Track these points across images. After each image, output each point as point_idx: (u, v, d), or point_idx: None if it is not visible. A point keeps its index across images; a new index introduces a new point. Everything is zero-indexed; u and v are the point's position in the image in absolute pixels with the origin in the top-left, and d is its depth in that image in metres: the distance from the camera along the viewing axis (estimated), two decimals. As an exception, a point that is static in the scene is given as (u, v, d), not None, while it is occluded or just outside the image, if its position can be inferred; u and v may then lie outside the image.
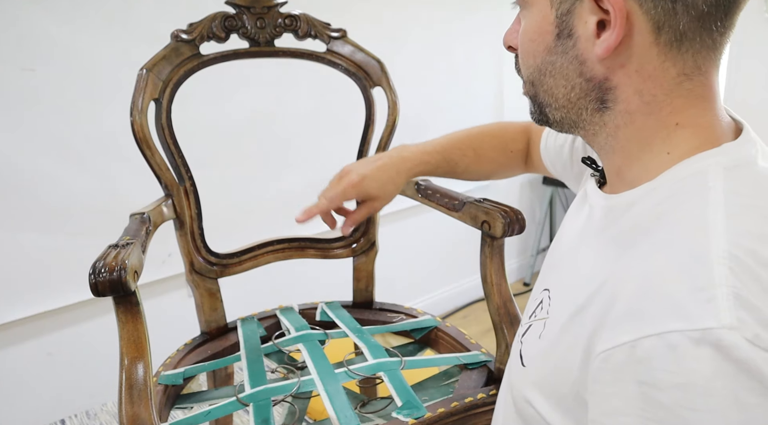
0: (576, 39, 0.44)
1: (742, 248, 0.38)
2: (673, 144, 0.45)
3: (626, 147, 0.47)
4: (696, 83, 0.44)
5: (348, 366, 0.81)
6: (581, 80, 0.45)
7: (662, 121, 0.45)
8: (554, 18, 0.45)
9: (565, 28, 0.44)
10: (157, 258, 1.59)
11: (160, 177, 0.87)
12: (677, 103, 0.44)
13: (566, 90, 0.47)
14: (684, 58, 0.43)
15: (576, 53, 0.45)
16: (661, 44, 0.42)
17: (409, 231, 2.31)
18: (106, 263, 0.59)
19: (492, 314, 0.82)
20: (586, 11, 0.43)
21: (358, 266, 1.04)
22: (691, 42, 0.42)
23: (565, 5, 0.44)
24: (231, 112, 1.65)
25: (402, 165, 0.82)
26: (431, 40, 2.15)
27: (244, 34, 0.90)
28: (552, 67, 0.47)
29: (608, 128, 0.47)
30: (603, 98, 0.45)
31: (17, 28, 1.31)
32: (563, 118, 0.49)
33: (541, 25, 0.46)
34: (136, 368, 0.61)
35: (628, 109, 0.45)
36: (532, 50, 0.48)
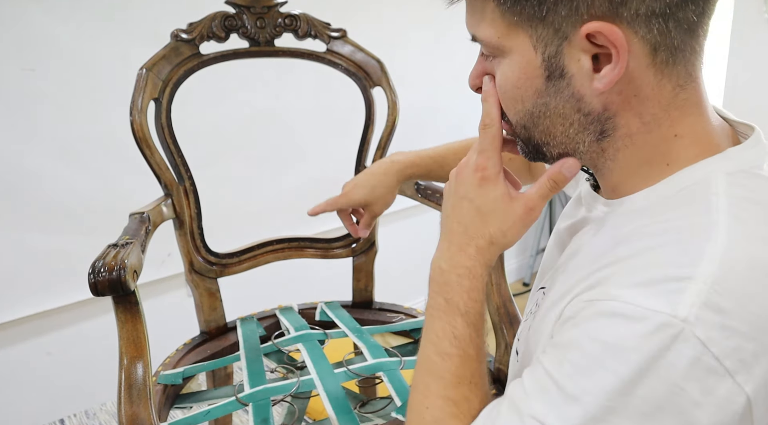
0: (570, 78, 0.43)
1: (740, 250, 0.38)
2: (673, 155, 0.45)
3: (626, 166, 0.46)
4: (690, 91, 0.44)
5: (347, 366, 0.81)
6: (579, 116, 0.44)
7: (662, 136, 0.44)
8: (541, 61, 0.43)
9: (556, 69, 0.43)
10: (157, 258, 1.59)
11: (159, 176, 0.87)
12: (674, 115, 0.44)
13: (564, 127, 0.46)
14: (678, 71, 0.43)
15: (571, 91, 0.43)
16: (657, 64, 0.42)
17: (409, 231, 2.31)
18: (105, 263, 0.59)
19: (491, 314, 0.82)
20: (577, 50, 0.42)
21: (358, 266, 1.04)
22: (683, 53, 0.42)
23: (552, 47, 0.43)
24: (231, 111, 1.65)
25: (391, 168, 0.85)
26: (431, 40, 2.15)
27: (244, 33, 0.90)
28: (545, 108, 0.45)
29: (607, 153, 0.46)
30: (603, 129, 0.45)
31: (17, 28, 1.31)
32: (560, 153, 0.48)
33: (526, 70, 0.44)
34: (136, 367, 0.61)
35: (628, 133, 0.45)
36: (519, 96, 0.46)
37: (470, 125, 2.59)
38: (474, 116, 1.57)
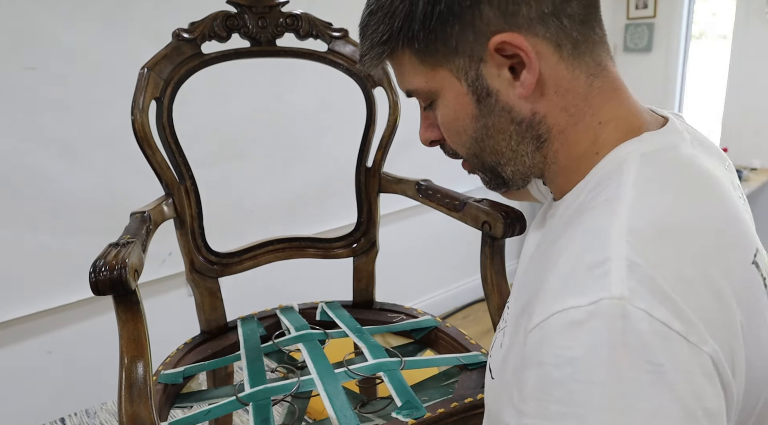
0: (496, 94, 0.46)
1: (643, 221, 0.39)
2: (600, 142, 0.47)
3: (566, 165, 0.49)
4: (603, 79, 0.47)
5: (348, 366, 0.81)
6: (514, 126, 0.48)
7: (587, 125, 0.47)
8: (467, 88, 0.47)
9: (482, 90, 0.47)
10: (158, 257, 1.59)
11: (160, 176, 0.87)
12: (595, 103, 0.47)
13: (506, 141, 0.49)
14: (586, 61, 0.46)
15: (501, 105, 0.47)
16: (565, 58, 0.45)
17: (409, 231, 2.31)
18: (106, 262, 0.59)
19: (492, 314, 0.82)
20: (493, 67, 0.45)
21: (359, 266, 1.04)
22: (584, 44, 0.46)
23: (472, 72, 0.46)
24: (232, 111, 1.65)
25: None
26: (432, 40, 2.15)
27: (246, 33, 0.90)
28: (485, 129, 0.49)
29: (548, 159, 0.49)
30: (538, 134, 0.48)
31: (18, 27, 1.31)
32: (514, 172, 0.51)
33: (458, 101, 0.48)
34: (136, 367, 0.61)
35: (560, 130, 0.47)
36: (461, 127, 0.50)
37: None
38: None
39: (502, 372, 0.50)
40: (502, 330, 0.53)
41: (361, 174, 1.01)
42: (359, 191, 1.02)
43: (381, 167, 1.01)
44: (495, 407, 0.51)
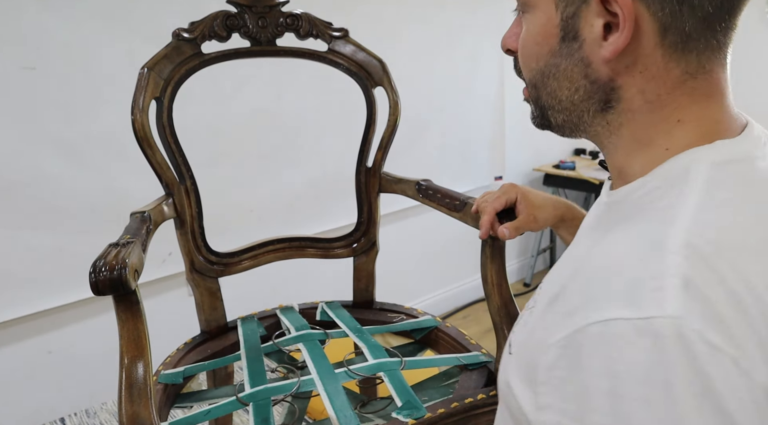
0: (581, 41, 0.44)
1: (703, 238, 0.37)
2: (673, 140, 0.45)
3: (628, 144, 0.47)
4: (700, 82, 0.44)
5: (348, 366, 0.81)
6: (586, 82, 0.46)
7: (664, 118, 0.45)
8: (559, 21, 0.45)
9: (571, 30, 0.45)
10: (158, 257, 1.59)
11: (160, 176, 0.87)
12: (681, 100, 0.44)
13: (570, 92, 0.47)
14: (688, 59, 0.43)
15: (581, 56, 0.45)
16: (666, 46, 0.42)
17: (409, 231, 2.31)
18: (106, 262, 0.59)
19: (492, 314, 0.82)
20: (593, 14, 0.43)
21: (359, 266, 1.04)
22: (695, 43, 0.42)
23: (571, 8, 0.44)
24: (232, 111, 1.65)
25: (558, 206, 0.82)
26: (433, 40, 2.15)
27: (246, 33, 0.90)
28: (556, 69, 0.47)
29: (611, 127, 0.47)
30: (607, 99, 0.46)
31: (18, 27, 1.31)
32: (565, 120, 0.49)
33: (546, 28, 0.46)
34: (136, 367, 0.61)
35: (630, 108, 0.45)
36: (536, 53, 0.48)
37: (469, 124, 2.61)
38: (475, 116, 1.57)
39: (523, 348, 0.49)
40: (530, 310, 0.52)
41: (361, 174, 1.01)
42: (359, 191, 1.02)
43: (381, 167, 1.01)
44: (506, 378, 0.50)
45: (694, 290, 0.35)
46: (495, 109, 2.47)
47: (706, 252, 0.37)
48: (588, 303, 0.38)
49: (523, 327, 0.51)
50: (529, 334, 0.48)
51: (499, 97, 2.47)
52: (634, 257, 0.38)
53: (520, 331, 0.52)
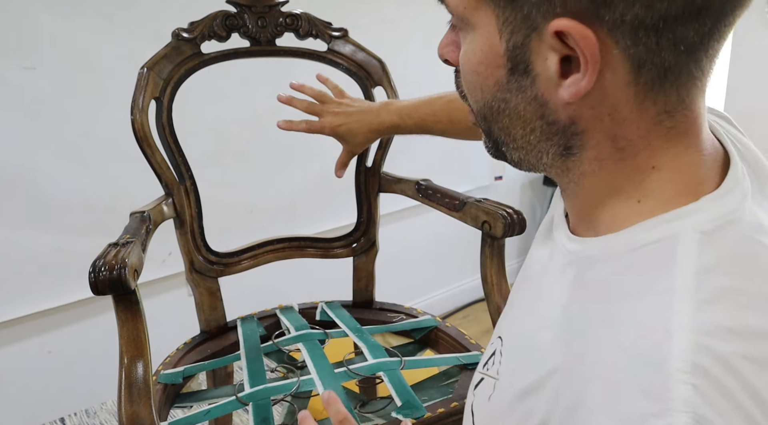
0: (534, 77, 0.37)
1: (710, 353, 0.31)
2: (647, 190, 0.38)
3: (591, 194, 0.41)
4: (678, 119, 0.37)
5: (348, 366, 0.81)
6: (542, 123, 0.38)
7: (636, 166, 0.38)
8: (504, 50, 0.37)
9: (520, 62, 0.37)
10: (157, 257, 1.59)
11: (160, 176, 0.87)
12: (655, 144, 0.37)
13: (524, 132, 0.40)
14: (666, 94, 0.36)
15: (535, 93, 0.37)
16: (641, 84, 0.35)
17: (409, 231, 2.30)
18: (106, 261, 0.59)
19: (492, 314, 0.82)
20: (546, 46, 0.35)
21: (358, 266, 1.04)
22: (676, 76, 0.35)
23: (518, 36, 0.36)
24: (232, 111, 1.65)
25: (376, 124, 0.87)
26: (432, 40, 2.14)
27: (245, 33, 0.90)
28: (506, 105, 0.39)
29: (572, 174, 0.40)
30: (568, 144, 0.38)
31: (17, 26, 1.31)
32: (522, 159, 0.42)
33: (488, 56, 0.38)
34: (136, 367, 0.61)
35: (597, 157, 0.38)
36: (479, 83, 0.40)
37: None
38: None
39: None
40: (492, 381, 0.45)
41: (361, 174, 1.01)
42: (359, 191, 1.02)
43: (381, 167, 1.01)
44: None
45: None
46: (495, 109, 2.47)
47: (714, 374, 0.31)
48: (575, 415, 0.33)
49: (487, 402, 0.45)
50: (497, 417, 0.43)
51: (499, 96, 2.47)
52: (630, 383, 0.32)
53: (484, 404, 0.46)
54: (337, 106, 0.89)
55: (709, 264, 0.34)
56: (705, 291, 0.33)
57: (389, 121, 0.86)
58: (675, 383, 0.30)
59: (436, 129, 0.84)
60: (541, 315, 0.42)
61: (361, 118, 0.87)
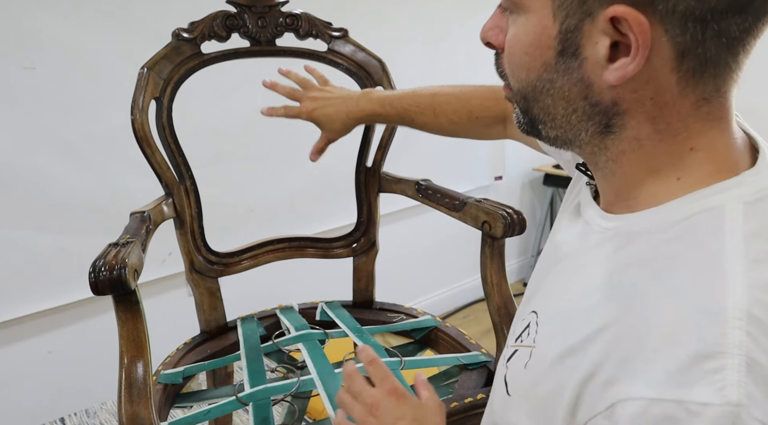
0: (582, 60, 0.39)
1: (763, 306, 0.34)
2: (685, 169, 0.41)
3: (629, 172, 0.43)
4: (714, 106, 0.40)
5: (348, 366, 0.81)
6: (585, 104, 0.41)
7: (675, 147, 0.40)
8: (557, 33, 0.39)
9: (570, 46, 0.39)
10: (157, 257, 1.59)
11: (160, 176, 0.87)
12: (693, 127, 0.40)
13: (566, 111, 0.42)
14: (705, 83, 0.38)
15: (581, 75, 0.40)
16: (683, 71, 0.38)
17: (409, 231, 2.31)
18: (106, 262, 0.59)
19: (492, 314, 0.82)
20: (598, 31, 0.37)
21: (359, 266, 1.04)
22: (715, 67, 0.38)
23: (572, 20, 0.38)
24: (232, 111, 1.65)
25: (355, 111, 0.86)
26: (432, 40, 2.15)
27: (245, 33, 0.90)
28: (551, 85, 0.41)
29: (610, 152, 0.43)
30: (609, 123, 0.41)
31: (18, 26, 1.31)
32: (558, 136, 0.45)
33: (540, 38, 0.41)
34: (136, 367, 0.61)
35: (637, 136, 0.41)
36: (526, 64, 0.42)
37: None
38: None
39: (526, 396, 0.46)
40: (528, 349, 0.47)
41: (361, 174, 1.01)
42: (359, 191, 1.02)
43: (381, 167, 1.01)
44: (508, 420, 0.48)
45: (759, 373, 0.32)
46: (495, 109, 2.47)
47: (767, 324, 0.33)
48: (632, 376, 0.35)
49: (523, 370, 0.47)
50: (533, 384, 0.45)
51: (499, 97, 2.47)
52: (688, 329, 0.34)
53: (519, 373, 0.48)
54: (318, 92, 0.89)
55: (755, 230, 0.37)
56: (753, 252, 0.36)
57: (370, 108, 0.85)
58: (731, 330, 0.33)
59: (419, 120, 0.84)
60: (581, 287, 0.44)
61: (339, 105, 0.86)
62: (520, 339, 0.50)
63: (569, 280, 0.47)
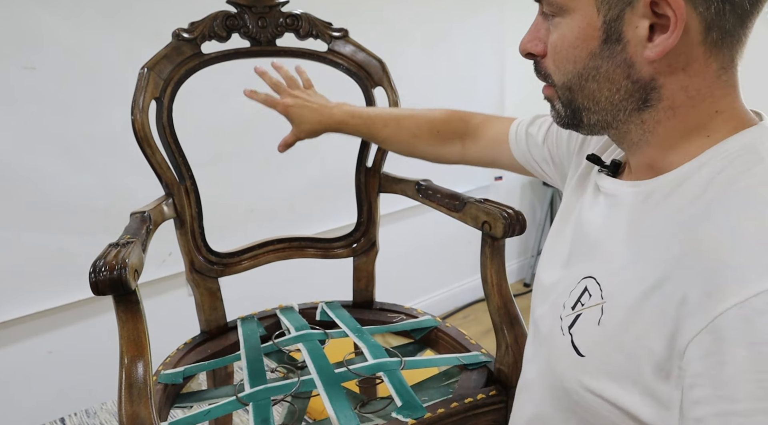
0: (625, 43, 0.45)
1: None
2: (713, 128, 0.47)
3: (665, 139, 0.49)
4: (730, 74, 0.47)
5: (348, 366, 0.81)
6: (627, 82, 0.47)
7: (703, 111, 0.47)
8: (601, 24, 0.46)
9: (614, 33, 0.45)
10: (158, 257, 1.59)
11: (160, 176, 0.87)
12: (717, 93, 0.46)
13: (610, 93, 0.48)
14: (724, 54, 0.45)
15: (624, 57, 0.46)
16: (708, 43, 0.44)
17: (409, 231, 2.31)
18: (106, 262, 0.59)
19: (492, 314, 0.82)
20: (638, 16, 0.44)
21: (359, 266, 1.04)
22: (731, 38, 0.45)
23: (615, 11, 0.45)
24: (232, 111, 1.65)
25: (326, 117, 0.92)
26: (432, 40, 2.15)
27: (246, 33, 0.90)
28: (596, 71, 0.48)
29: (646, 125, 0.49)
30: (646, 97, 0.47)
31: (18, 27, 1.31)
32: (598, 120, 0.50)
33: (585, 31, 0.47)
34: (136, 367, 0.61)
35: (672, 105, 0.47)
36: (573, 56, 0.48)
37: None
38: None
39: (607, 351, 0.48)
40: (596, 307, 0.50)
41: (361, 174, 1.01)
42: (359, 191, 1.02)
43: (381, 167, 1.01)
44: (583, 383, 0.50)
45: None
46: (495, 109, 2.47)
47: None
48: (739, 280, 0.38)
49: (597, 327, 0.49)
50: (616, 333, 0.47)
51: (499, 97, 2.47)
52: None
53: (593, 331, 0.50)
54: (299, 92, 0.94)
55: None
56: None
57: (339, 117, 0.91)
58: None
59: (382, 133, 0.89)
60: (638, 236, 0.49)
61: (314, 109, 0.92)
62: (580, 303, 0.52)
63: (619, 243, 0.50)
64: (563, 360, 0.53)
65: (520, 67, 2.45)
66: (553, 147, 0.73)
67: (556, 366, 0.55)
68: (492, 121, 0.85)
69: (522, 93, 2.45)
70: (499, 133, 0.82)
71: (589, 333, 0.50)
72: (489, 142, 0.83)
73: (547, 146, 0.74)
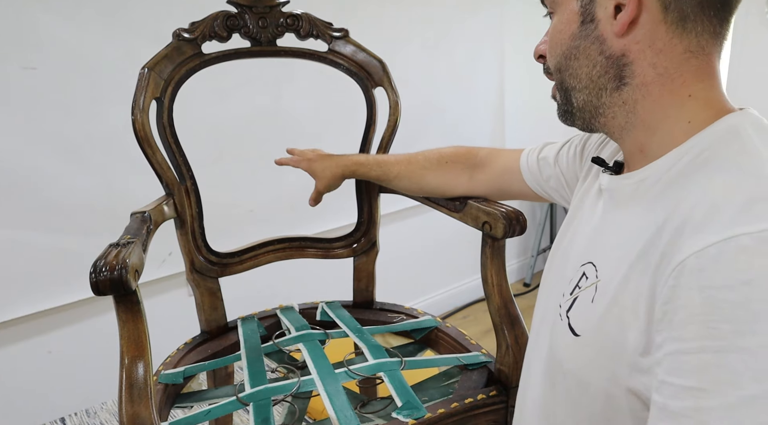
0: (597, 22, 0.51)
1: None
2: (691, 113, 0.50)
3: (646, 119, 0.52)
4: (701, 61, 0.49)
5: (348, 366, 0.81)
6: (602, 58, 0.52)
7: (676, 92, 0.50)
8: (579, 8, 0.52)
9: (588, 14, 0.52)
10: (158, 257, 1.59)
11: (161, 176, 0.87)
12: (687, 76, 0.49)
13: (588, 69, 0.53)
14: (689, 37, 0.49)
15: (597, 34, 0.51)
16: (669, 22, 0.48)
17: (409, 231, 2.31)
18: (107, 262, 0.59)
19: (492, 315, 0.82)
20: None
21: (359, 266, 1.04)
22: (693, 24, 0.48)
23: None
24: (232, 111, 1.65)
25: (343, 162, 0.98)
26: (433, 40, 2.15)
27: (246, 33, 0.90)
28: (576, 50, 0.53)
29: (627, 105, 0.52)
30: (621, 74, 0.51)
31: (18, 27, 1.31)
32: (585, 101, 0.54)
33: (568, 18, 0.54)
34: (137, 367, 0.61)
35: (644, 82, 0.50)
36: (559, 40, 0.55)
37: (469, 124, 2.60)
38: (475, 115, 1.57)
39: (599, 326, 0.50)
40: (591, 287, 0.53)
41: (361, 174, 1.01)
42: (359, 191, 1.03)
43: (381, 167, 1.01)
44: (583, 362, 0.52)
45: None
46: (495, 109, 2.47)
47: None
48: (702, 230, 0.41)
49: (591, 305, 0.52)
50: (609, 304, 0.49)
51: (499, 97, 2.47)
52: (734, 187, 0.42)
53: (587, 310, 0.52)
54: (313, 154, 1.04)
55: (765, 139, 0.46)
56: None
57: (354, 159, 0.98)
58: None
59: (393, 170, 0.94)
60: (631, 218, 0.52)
61: (331, 158, 1.00)
62: (578, 287, 0.56)
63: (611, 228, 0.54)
64: (561, 344, 0.55)
65: (520, 68, 2.45)
66: (564, 165, 0.75)
67: (556, 352, 0.57)
68: (500, 152, 0.88)
69: (522, 93, 2.45)
70: (509, 162, 0.84)
71: (584, 311, 0.53)
72: (499, 171, 0.85)
73: (559, 166, 0.76)
